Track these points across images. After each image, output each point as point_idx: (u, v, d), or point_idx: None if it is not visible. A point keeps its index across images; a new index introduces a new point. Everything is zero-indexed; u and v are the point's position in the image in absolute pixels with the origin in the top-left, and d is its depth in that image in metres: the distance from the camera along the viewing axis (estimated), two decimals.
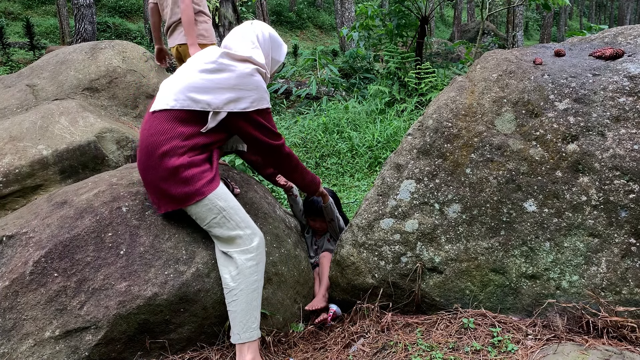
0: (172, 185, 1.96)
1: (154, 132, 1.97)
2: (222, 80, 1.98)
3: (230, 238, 2.02)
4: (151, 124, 2.00)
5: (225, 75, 1.99)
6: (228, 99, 1.98)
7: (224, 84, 1.98)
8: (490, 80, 2.30)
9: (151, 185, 2.02)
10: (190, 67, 2.05)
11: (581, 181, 2.03)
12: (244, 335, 1.97)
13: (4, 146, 3.05)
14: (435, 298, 2.20)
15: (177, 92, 1.99)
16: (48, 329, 1.86)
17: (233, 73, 1.99)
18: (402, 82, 7.39)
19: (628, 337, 1.84)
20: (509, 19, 15.48)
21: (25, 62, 10.29)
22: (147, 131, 1.99)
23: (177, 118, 1.97)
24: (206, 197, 1.97)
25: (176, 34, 3.65)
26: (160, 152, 1.94)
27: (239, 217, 2.03)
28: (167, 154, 1.93)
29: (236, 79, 1.99)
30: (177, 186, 1.95)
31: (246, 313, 1.98)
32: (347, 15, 14.52)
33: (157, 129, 1.96)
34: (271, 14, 20.89)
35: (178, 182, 1.95)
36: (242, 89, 2.00)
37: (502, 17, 25.85)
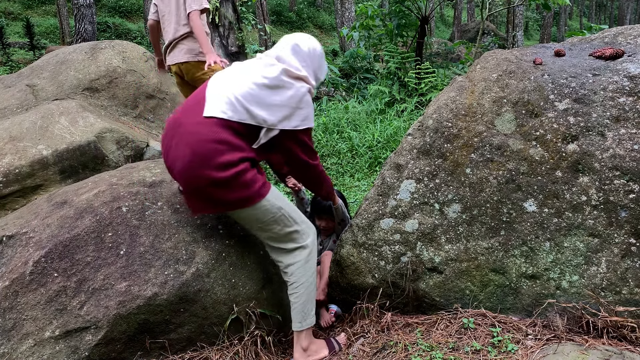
0: (228, 192, 1.92)
1: (211, 139, 1.89)
2: (282, 98, 1.99)
3: (289, 234, 2.08)
4: (207, 130, 1.91)
5: (285, 93, 1.99)
6: (283, 116, 1.99)
7: (282, 102, 1.99)
8: (490, 80, 2.30)
9: (197, 190, 1.94)
10: (248, 76, 2.00)
11: (581, 181, 2.03)
12: (304, 322, 2.10)
13: (4, 146, 3.05)
14: (435, 298, 2.20)
15: (234, 102, 1.94)
16: (48, 329, 1.86)
17: (291, 91, 2.00)
18: (402, 82, 7.39)
19: (628, 337, 1.84)
20: (509, 19, 15.48)
21: (25, 62, 10.29)
22: (201, 136, 1.90)
23: (233, 128, 1.93)
24: (265, 198, 1.99)
25: (177, 51, 3.58)
26: (220, 161, 1.88)
27: (295, 214, 2.11)
28: (227, 165, 1.89)
29: (293, 98, 2.01)
30: (235, 191, 1.93)
31: (306, 304, 2.11)
32: (347, 15, 14.52)
33: (214, 137, 1.90)
34: (271, 14, 20.89)
35: (236, 187, 1.92)
36: (296, 107, 2.02)
37: (502, 17, 25.85)
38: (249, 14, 8.32)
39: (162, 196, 2.24)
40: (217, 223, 2.22)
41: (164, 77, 4.42)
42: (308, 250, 2.12)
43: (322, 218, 2.85)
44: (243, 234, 2.26)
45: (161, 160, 2.59)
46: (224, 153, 1.89)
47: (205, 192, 1.93)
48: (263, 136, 1.99)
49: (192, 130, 1.92)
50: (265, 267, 2.26)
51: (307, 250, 2.12)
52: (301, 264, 2.10)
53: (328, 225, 2.85)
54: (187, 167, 1.90)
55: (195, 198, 1.98)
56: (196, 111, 1.96)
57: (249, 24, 8.32)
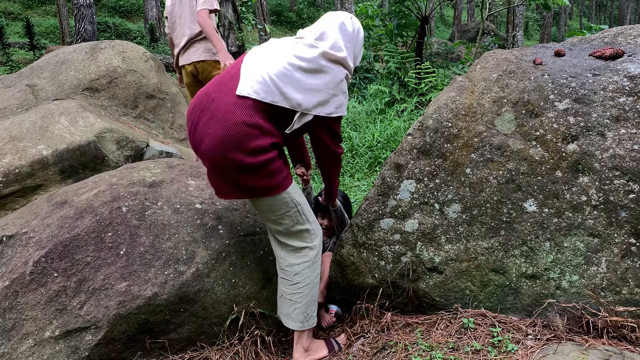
0: (255, 178, 1.87)
1: (246, 121, 1.82)
2: (318, 83, 1.92)
3: (299, 231, 2.06)
4: (241, 111, 1.83)
5: (322, 77, 1.92)
6: (318, 102, 1.93)
7: (319, 87, 1.92)
8: (490, 80, 2.30)
9: (222, 171, 1.88)
10: (285, 55, 1.91)
11: (581, 181, 2.03)
12: (306, 323, 2.10)
13: (4, 146, 3.05)
14: (435, 298, 2.20)
15: (268, 82, 1.85)
16: (48, 329, 1.86)
17: (328, 76, 1.93)
18: (402, 82, 7.39)
19: (628, 337, 1.84)
20: (509, 19, 15.48)
21: (25, 62, 10.29)
22: (234, 117, 1.82)
23: (266, 111, 1.87)
24: (286, 190, 1.97)
25: (192, 50, 3.62)
26: (252, 146, 1.82)
27: (309, 212, 2.09)
28: (258, 150, 1.84)
29: (330, 83, 1.94)
30: (262, 178, 1.88)
31: (309, 304, 2.10)
32: None
33: (247, 120, 1.82)
34: (271, 14, 20.89)
35: (263, 174, 1.88)
36: (332, 94, 1.96)
37: (502, 17, 25.85)
38: (249, 14, 8.32)
39: (162, 196, 2.24)
40: (217, 223, 2.22)
41: (164, 77, 4.42)
42: (315, 251, 2.10)
43: (324, 216, 2.85)
44: (243, 233, 2.26)
45: (161, 160, 2.59)
46: (256, 138, 1.83)
47: (231, 175, 1.87)
48: (297, 121, 1.92)
49: (226, 110, 1.84)
50: (265, 267, 2.26)
51: (314, 251, 2.10)
52: (308, 265, 2.08)
53: (329, 225, 2.85)
54: (217, 147, 1.83)
55: (219, 179, 1.93)
56: (230, 88, 1.88)
57: (249, 24, 8.32)
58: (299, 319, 2.10)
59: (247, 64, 1.94)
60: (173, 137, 4.23)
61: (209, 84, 1.99)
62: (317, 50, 1.92)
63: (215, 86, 1.93)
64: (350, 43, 2.05)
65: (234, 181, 1.89)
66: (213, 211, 2.26)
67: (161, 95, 4.24)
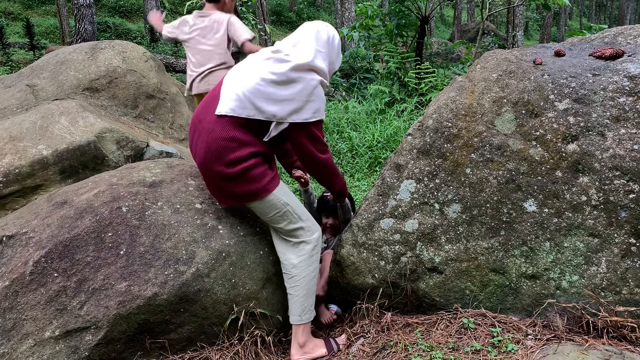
0: (237, 185, 2.05)
1: (223, 137, 2.00)
2: (290, 92, 2.03)
3: (293, 230, 2.16)
4: (220, 128, 2.01)
5: (294, 87, 2.03)
6: (292, 110, 2.04)
7: (292, 96, 2.03)
8: (490, 80, 2.30)
9: (213, 183, 2.11)
10: (256, 72, 2.04)
11: (581, 181, 2.03)
12: (304, 316, 2.16)
13: (4, 146, 3.05)
14: (435, 298, 2.20)
15: (243, 99, 2.01)
16: (48, 329, 1.86)
17: (300, 84, 2.04)
18: (402, 82, 7.39)
19: (628, 337, 1.84)
20: (509, 19, 15.48)
21: (25, 62, 10.29)
22: (215, 135, 2.01)
23: (243, 125, 2.03)
24: (271, 193, 2.09)
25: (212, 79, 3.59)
26: (230, 158, 2.00)
27: (300, 211, 2.18)
28: (236, 161, 2.01)
29: (303, 91, 2.04)
30: (243, 185, 2.05)
31: (306, 298, 2.16)
32: (347, 15, 14.52)
33: (225, 135, 2.01)
34: (271, 14, 20.89)
35: (244, 181, 2.04)
36: (306, 100, 2.05)
37: (502, 17, 25.84)
38: (249, 14, 8.32)
39: (162, 196, 2.24)
40: (217, 223, 2.22)
41: (164, 77, 4.42)
42: (311, 245, 2.18)
43: (329, 215, 2.86)
44: (243, 233, 2.26)
45: (161, 160, 2.59)
46: (233, 150, 2.01)
47: (219, 185, 2.08)
48: (273, 129, 2.05)
49: (208, 128, 2.04)
50: (265, 267, 2.26)
51: (310, 245, 2.18)
52: (304, 259, 2.16)
53: (334, 223, 2.86)
54: (203, 161, 2.06)
55: (213, 189, 2.15)
56: (212, 108, 2.07)
57: (249, 24, 8.32)
58: (297, 312, 2.16)
59: (225, 84, 2.10)
60: (173, 137, 4.23)
61: (199, 105, 2.18)
62: (288, 65, 2.04)
63: (202, 108, 2.13)
64: (324, 49, 2.16)
65: (223, 191, 2.10)
66: (213, 211, 2.26)
67: (161, 95, 4.24)
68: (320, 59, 2.12)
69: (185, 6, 8.02)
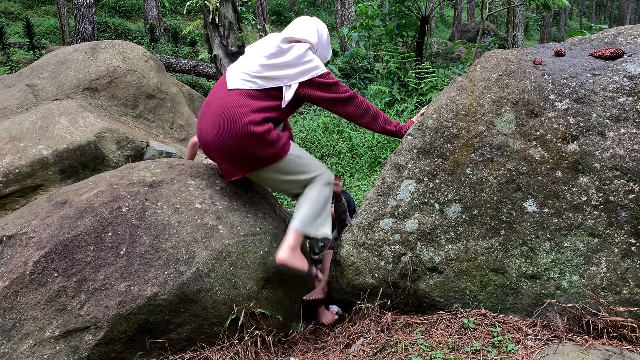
0: (260, 148, 2.20)
1: (235, 105, 2.17)
2: (289, 59, 2.23)
3: (312, 179, 2.33)
4: (230, 99, 2.19)
5: (289, 53, 2.24)
6: (296, 73, 2.23)
7: (291, 62, 2.23)
8: (490, 80, 2.30)
9: (231, 152, 2.22)
10: (256, 53, 2.28)
11: (581, 181, 2.03)
12: (304, 228, 2.25)
13: (4, 146, 3.05)
14: (435, 298, 2.20)
15: (250, 77, 2.22)
16: (48, 329, 1.86)
17: (294, 50, 2.24)
18: (402, 82, 7.38)
19: (628, 337, 1.84)
20: (509, 19, 15.47)
21: (25, 62, 10.29)
22: (226, 104, 2.18)
23: (254, 96, 2.21)
24: (289, 153, 2.27)
25: None
26: (246, 120, 2.15)
27: (315, 161, 2.38)
28: (252, 123, 2.15)
29: (299, 56, 2.24)
30: (265, 148, 2.20)
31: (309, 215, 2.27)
32: (347, 15, 14.52)
33: (237, 103, 2.18)
34: (271, 14, 20.89)
35: (265, 144, 2.19)
36: (304, 61, 2.24)
37: (502, 17, 25.84)
38: (249, 14, 8.30)
39: (162, 196, 2.24)
40: (217, 223, 2.22)
41: (164, 77, 4.42)
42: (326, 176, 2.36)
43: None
44: (243, 233, 2.26)
45: (161, 160, 2.59)
46: (247, 114, 2.16)
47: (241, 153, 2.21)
48: (286, 94, 2.23)
49: (220, 103, 2.21)
50: (265, 267, 2.26)
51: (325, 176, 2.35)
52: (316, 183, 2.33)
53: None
54: (219, 134, 2.18)
55: (228, 162, 2.26)
56: (221, 90, 2.27)
57: (249, 24, 8.31)
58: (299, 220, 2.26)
59: (230, 70, 2.33)
60: (173, 137, 4.23)
61: (208, 96, 2.35)
62: (278, 38, 2.28)
63: (211, 95, 2.32)
64: (312, 37, 2.35)
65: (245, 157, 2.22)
66: (213, 211, 2.26)
67: (161, 95, 4.24)
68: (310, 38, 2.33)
69: (185, 6, 8.02)
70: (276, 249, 2.35)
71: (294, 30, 2.35)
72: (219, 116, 2.19)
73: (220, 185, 2.46)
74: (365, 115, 2.41)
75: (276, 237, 2.39)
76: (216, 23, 7.00)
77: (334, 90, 2.31)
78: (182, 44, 14.28)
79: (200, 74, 10.69)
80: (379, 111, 2.46)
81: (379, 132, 2.49)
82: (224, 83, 2.29)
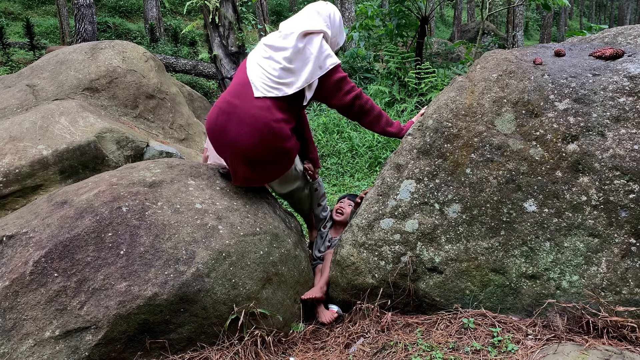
0: (287, 162, 2.38)
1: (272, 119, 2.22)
2: (305, 57, 2.25)
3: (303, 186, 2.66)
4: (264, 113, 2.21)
5: (306, 52, 2.26)
6: (314, 69, 2.26)
7: (307, 60, 2.26)
8: (490, 80, 2.30)
9: (261, 164, 2.31)
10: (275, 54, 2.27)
11: (581, 181, 2.03)
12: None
13: (4, 146, 3.06)
14: (435, 298, 2.20)
15: (273, 81, 2.24)
16: (48, 329, 1.86)
17: (310, 46, 2.26)
18: (402, 82, 7.38)
19: (628, 337, 1.84)
20: (509, 19, 15.47)
21: (25, 62, 10.29)
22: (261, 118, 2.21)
23: (281, 106, 2.26)
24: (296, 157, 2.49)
25: None
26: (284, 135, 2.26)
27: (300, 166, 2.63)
28: (286, 139, 2.28)
29: (315, 52, 2.26)
30: (288, 161, 2.39)
31: None
32: (347, 15, 14.51)
33: (273, 117, 2.23)
34: (271, 14, 20.88)
35: (288, 157, 2.37)
36: (320, 57, 2.28)
37: (502, 17, 25.83)
38: (249, 14, 8.30)
39: (162, 196, 2.24)
40: (217, 223, 2.22)
41: (164, 77, 4.42)
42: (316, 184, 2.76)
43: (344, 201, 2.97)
44: (243, 233, 2.26)
45: (161, 160, 2.59)
46: (282, 129, 2.25)
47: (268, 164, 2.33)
48: (308, 94, 2.30)
49: (252, 113, 2.21)
50: (265, 267, 2.26)
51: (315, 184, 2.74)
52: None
53: (345, 212, 2.87)
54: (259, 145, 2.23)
55: (254, 170, 2.34)
56: (246, 93, 2.25)
57: (249, 24, 8.31)
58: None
59: (251, 71, 2.29)
60: (173, 137, 4.23)
61: (226, 94, 2.33)
62: (293, 36, 2.26)
63: (233, 94, 2.29)
64: (326, 23, 2.38)
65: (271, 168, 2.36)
66: (213, 211, 2.26)
67: (161, 95, 4.24)
68: (324, 27, 2.35)
69: (185, 6, 8.02)
70: (276, 248, 2.36)
71: (307, 21, 2.32)
72: (255, 129, 2.20)
73: (220, 185, 2.46)
74: (368, 114, 2.42)
75: (276, 237, 2.39)
76: (216, 23, 7.00)
77: (340, 87, 2.34)
78: (182, 44, 14.29)
79: (200, 74, 10.69)
80: (382, 112, 2.46)
81: (379, 133, 2.50)
82: (246, 82, 2.26)
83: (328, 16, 2.40)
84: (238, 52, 7.15)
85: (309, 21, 2.32)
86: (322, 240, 2.91)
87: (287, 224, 2.61)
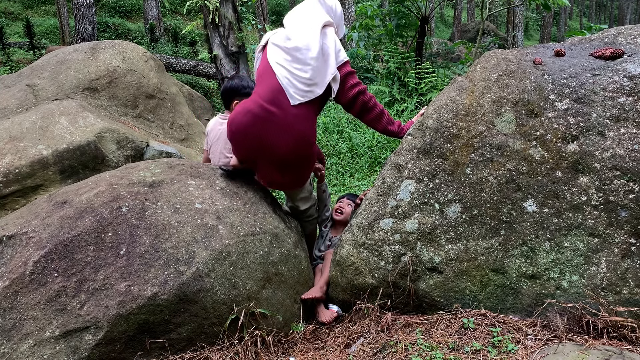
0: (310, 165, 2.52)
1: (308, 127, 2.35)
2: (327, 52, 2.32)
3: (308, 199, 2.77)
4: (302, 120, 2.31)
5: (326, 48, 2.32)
6: (333, 61, 2.33)
7: (326, 56, 2.32)
8: (490, 80, 2.30)
9: (294, 168, 2.42)
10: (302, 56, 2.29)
11: (581, 181, 2.03)
12: None
13: (4, 146, 3.06)
14: (435, 298, 2.20)
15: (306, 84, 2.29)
16: (48, 329, 1.86)
17: (327, 41, 2.34)
18: (402, 82, 7.38)
19: (628, 337, 1.84)
20: (509, 19, 15.47)
21: (25, 62, 10.28)
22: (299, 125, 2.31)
23: (315, 110, 2.38)
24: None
25: None
26: (313, 141, 2.40)
27: None
28: (313, 144, 2.42)
29: (333, 45, 2.34)
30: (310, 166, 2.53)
31: None
32: (347, 15, 14.50)
33: (310, 126, 2.36)
34: (271, 14, 20.87)
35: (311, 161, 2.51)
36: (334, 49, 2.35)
37: (502, 17, 25.82)
38: (249, 14, 8.29)
39: (162, 196, 2.24)
40: (217, 223, 2.22)
41: (164, 77, 4.42)
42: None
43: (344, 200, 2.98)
44: (243, 233, 2.26)
45: (161, 160, 2.59)
46: (314, 136, 2.41)
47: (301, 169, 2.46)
48: (334, 86, 2.36)
49: (291, 122, 2.30)
50: (265, 267, 2.26)
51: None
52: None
53: (345, 212, 2.88)
54: (290, 150, 2.33)
55: (288, 175, 2.44)
56: (282, 101, 2.29)
57: (249, 24, 8.30)
58: None
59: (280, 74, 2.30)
60: (173, 137, 4.23)
61: (258, 98, 2.32)
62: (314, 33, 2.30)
63: (267, 101, 2.30)
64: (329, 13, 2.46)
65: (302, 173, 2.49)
66: (213, 211, 2.26)
67: (161, 95, 4.24)
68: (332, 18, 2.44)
69: (185, 6, 8.02)
70: (276, 248, 2.36)
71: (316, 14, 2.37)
72: (292, 136, 2.30)
73: (220, 185, 2.46)
74: (371, 111, 2.43)
75: (276, 237, 2.39)
76: (216, 23, 6.99)
77: (346, 80, 2.38)
78: (182, 44, 14.28)
79: (200, 74, 10.68)
80: (384, 110, 2.47)
81: (380, 131, 2.50)
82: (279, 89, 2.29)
83: (331, 8, 2.47)
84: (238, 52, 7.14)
85: (319, 15, 2.38)
86: (322, 239, 2.91)
87: (287, 223, 2.61)
